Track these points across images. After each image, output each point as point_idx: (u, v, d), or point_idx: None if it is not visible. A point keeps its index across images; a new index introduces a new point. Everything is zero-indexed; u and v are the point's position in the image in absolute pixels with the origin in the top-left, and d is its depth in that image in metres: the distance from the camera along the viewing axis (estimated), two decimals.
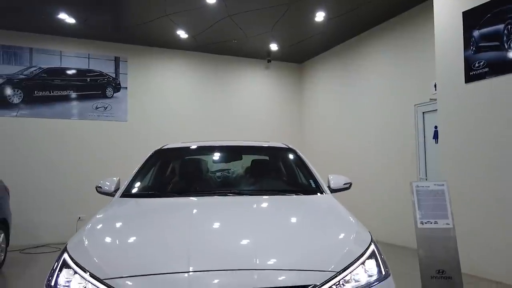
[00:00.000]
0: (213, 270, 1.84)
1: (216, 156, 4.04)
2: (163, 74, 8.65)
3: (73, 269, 1.92)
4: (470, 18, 4.89)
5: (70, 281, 1.89)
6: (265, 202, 2.90)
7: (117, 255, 2.02)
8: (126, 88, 8.30)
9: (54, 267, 2.01)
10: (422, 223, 3.12)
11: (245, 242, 2.15)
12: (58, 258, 2.06)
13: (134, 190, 3.17)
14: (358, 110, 7.94)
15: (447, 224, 3.09)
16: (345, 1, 6.34)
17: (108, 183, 3.30)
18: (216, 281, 1.79)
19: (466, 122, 4.90)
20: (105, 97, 8.12)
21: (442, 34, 5.26)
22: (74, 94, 7.87)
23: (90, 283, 1.83)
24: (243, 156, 4.09)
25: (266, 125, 9.45)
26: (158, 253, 1.99)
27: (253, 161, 3.84)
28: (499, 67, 4.55)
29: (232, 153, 3.98)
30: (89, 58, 8.02)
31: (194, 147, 3.91)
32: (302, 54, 9.27)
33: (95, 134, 7.97)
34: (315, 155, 8.44)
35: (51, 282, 1.93)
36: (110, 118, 8.14)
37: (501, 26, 4.54)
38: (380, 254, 2.13)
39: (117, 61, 8.25)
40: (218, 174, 4.17)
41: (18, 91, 7.45)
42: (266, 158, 4.10)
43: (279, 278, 1.83)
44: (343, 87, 8.45)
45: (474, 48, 4.83)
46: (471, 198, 4.76)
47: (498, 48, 4.57)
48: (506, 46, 4.49)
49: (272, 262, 1.93)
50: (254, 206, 2.76)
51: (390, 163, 6.99)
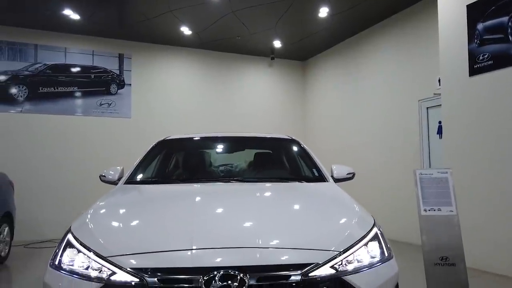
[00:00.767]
0: (215, 248, 1.85)
1: (219, 147, 4.04)
2: (167, 71, 8.68)
3: (76, 248, 1.94)
4: (474, 11, 4.87)
5: (74, 260, 1.90)
6: (268, 188, 2.91)
7: (120, 235, 2.03)
8: (130, 85, 8.33)
9: (58, 247, 2.02)
10: (425, 210, 3.10)
11: (248, 223, 2.16)
12: (62, 239, 2.07)
13: (138, 178, 3.18)
14: (362, 107, 7.92)
15: (451, 211, 3.07)
16: None
17: (112, 172, 3.32)
18: (218, 259, 1.79)
19: (470, 115, 4.88)
20: (109, 93, 8.16)
21: (446, 27, 5.24)
22: (78, 91, 7.91)
23: (94, 261, 1.84)
24: (246, 150, 4.09)
25: (269, 122, 9.45)
26: (162, 233, 2.00)
27: (256, 154, 3.84)
28: (504, 60, 4.53)
29: (235, 143, 3.99)
30: (93, 55, 8.06)
31: (197, 138, 3.93)
32: (305, 51, 9.28)
33: (99, 130, 8.00)
34: (319, 152, 8.33)
35: (55, 261, 1.95)
36: (114, 115, 8.17)
37: (505, 19, 4.53)
38: (383, 237, 2.13)
39: (121, 58, 8.29)
40: (222, 168, 4.14)
41: (23, 88, 7.50)
42: (269, 151, 4.10)
43: (282, 257, 1.84)
44: (347, 85, 8.44)
45: (478, 41, 4.82)
46: (474, 191, 4.74)
47: (502, 40, 4.55)
48: (510, 39, 4.47)
49: (274, 242, 1.94)
50: (258, 191, 2.76)
51: (394, 160, 6.97)
